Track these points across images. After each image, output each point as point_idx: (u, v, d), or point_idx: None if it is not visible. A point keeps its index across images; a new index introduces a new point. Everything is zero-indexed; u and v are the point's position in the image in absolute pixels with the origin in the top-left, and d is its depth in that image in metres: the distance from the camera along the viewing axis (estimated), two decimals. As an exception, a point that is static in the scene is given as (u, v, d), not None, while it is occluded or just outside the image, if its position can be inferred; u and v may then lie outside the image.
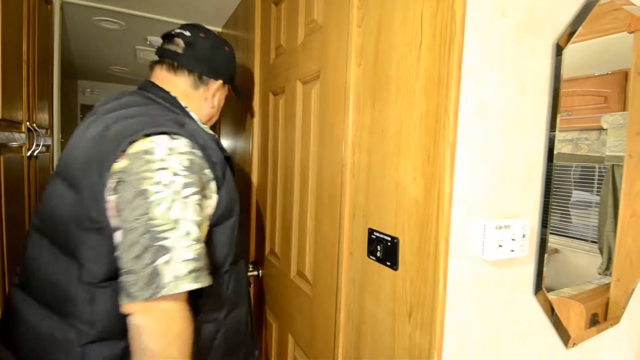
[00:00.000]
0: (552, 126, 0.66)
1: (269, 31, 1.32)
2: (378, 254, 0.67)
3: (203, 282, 0.66)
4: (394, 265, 0.63)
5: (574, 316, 0.80)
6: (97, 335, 0.69)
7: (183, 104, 0.90)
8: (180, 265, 0.63)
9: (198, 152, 0.73)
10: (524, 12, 0.61)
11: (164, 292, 0.61)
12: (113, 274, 0.68)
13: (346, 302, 0.80)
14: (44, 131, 1.54)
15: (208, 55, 0.94)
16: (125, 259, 0.63)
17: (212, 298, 0.78)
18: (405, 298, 0.62)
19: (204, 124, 0.95)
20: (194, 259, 0.65)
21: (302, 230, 1.05)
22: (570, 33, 0.67)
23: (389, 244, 0.64)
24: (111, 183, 0.66)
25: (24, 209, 1.24)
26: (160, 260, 0.62)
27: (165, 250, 0.63)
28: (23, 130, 1.25)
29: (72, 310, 0.69)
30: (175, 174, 0.67)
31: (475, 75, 0.57)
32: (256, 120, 1.45)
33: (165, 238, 0.63)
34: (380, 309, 0.68)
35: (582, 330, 0.81)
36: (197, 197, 0.69)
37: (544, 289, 0.68)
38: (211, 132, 0.90)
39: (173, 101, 0.88)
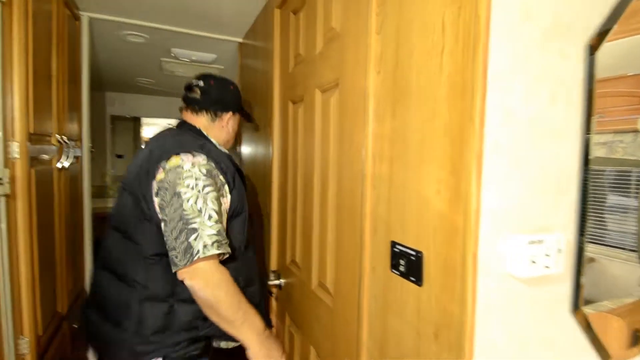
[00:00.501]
0: (587, 129, 0.62)
1: (287, 40, 1.32)
2: (401, 268, 0.64)
3: (223, 250, 0.95)
4: (418, 281, 0.61)
5: (614, 333, 0.74)
6: (149, 295, 0.99)
7: (205, 133, 1.20)
8: (207, 238, 0.93)
9: (212, 164, 1.03)
10: (552, 13, 0.57)
11: (196, 257, 0.90)
12: (159, 251, 0.99)
13: (368, 316, 0.78)
14: (73, 143, 1.60)
15: (218, 96, 1.24)
16: (169, 240, 0.94)
17: (231, 271, 1.00)
18: (430, 316, 0.59)
19: (222, 145, 1.24)
20: (215, 234, 0.94)
21: (323, 240, 1.03)
22: (603, 32, 0.63)
23: (412, 258, 0.62)
24: (154, 189, 0.98)
25: (53, 217, 1.29)
26: (191, 238, 0.92)
27: (194, 231, 0.92)
28: (53, 142, 1.29)
29: (133, 277, 1.00)
30: (197, 179, 0.97)
31: (502, 81, 0.54)
32: (276, 129, 1.45)
33: (194, 222, 0.93)
34: (405, 326, 0.65)
35: (623, 350, 0.75)
36: (214, 193, 0.99)
37: (581, 307, 0.64)
38: (226, 151, 1.21)
39: (198, 132, 1.19)
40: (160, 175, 0.98)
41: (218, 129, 1.23)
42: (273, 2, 1.45)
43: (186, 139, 1.09)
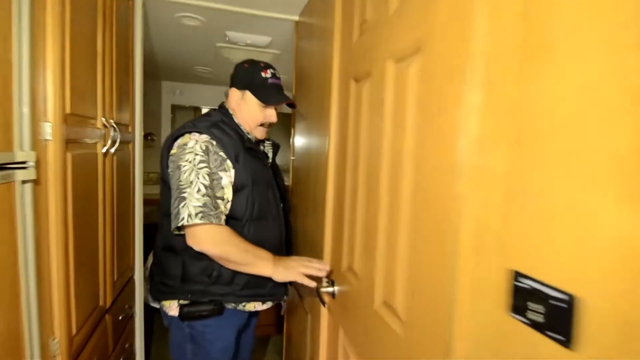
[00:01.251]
0: None
1: (351, 7, 1.11)
2: (531, 315, 0.41)
3: (207, 220, 1.07)
4: (566, 341, 0.37)
5: None
6: (168, 245, 1.22)
7: (231, 113, 1.32)
8: (192, 208, 1.06)
9: (214, 142, 1.17)
10: None
11: (181, 223, 1.06)
12: (169, 212, 1.13)
13: (463, 368, 0.55)
14: (125, 128, 1.53)
15: (233, 74, 1.34)
16: (171, 205, 1.11)
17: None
18: (592, 406, 0.35)
19: (246, 126, 1.32)
20: (201, 206, 1.07)
21: (391, 251, 0.81)
22: None
23: (556, 303, 0.38)
24: (169, 161, 1.17)
25: (96, 205, 1.21)
26: (181, 205, 1.07)
27: (183, 199, 1.07)
28: (98, 126, 1.21)
29: (162, 228, 1.24)
30: (196, 154, 1.12)
31: None
32: (334, 114, 1.25)
33: (184, 191, 1.08)
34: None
35: None
36: (207, 169, 1.12)
37: None
38: (245, 132, 1.31)
39: (225, 112, 1.31)
40: (173, 150, 1.17)
41: (241, 108, 1.30)
42: (335, -35, 1.24)
43: (203, 119, 1.24)
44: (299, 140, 1.83)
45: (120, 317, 1.48)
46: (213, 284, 1.20)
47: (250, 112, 1.29)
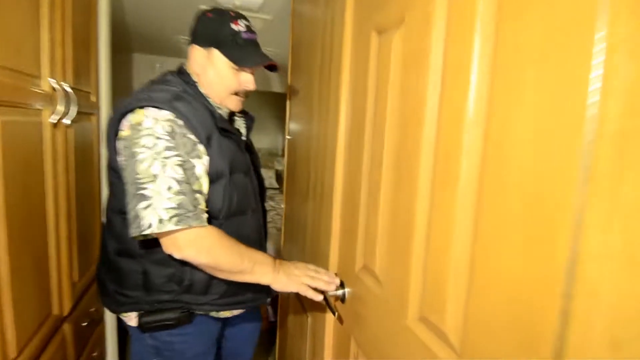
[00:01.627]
0: None
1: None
2: None
3: (185, 225, 0.84)
4: None
5: None
6: (123, 250, 0.98)
7: (195, 80, 1.04)
8: (162, 212, 0.82)
9: (180, 122, 0.89)
10: None
11: (148, 231, 0.82)
12: (124, 209, 0.90)
13: None
14: (85, 96, 1.26)
15: (193, 26, 1.04)
16: (126, 204, 0.87)
17: None
18: None
19: (215, 96, 1.04)
20: (175, 207, 0.83)
21: (440, 251, 0.60)
22: None
23: None
24: (120, 147, 0.89)
25: (43, 189, 0.95)
26: (140, 206, 0.83)
27: (143, 198, 0.83)
28: (44, 88, 0.94)
29: (112, 228, 1.00)
30: (157, 138, 0.85)
31: None
32: (345, 78, 1.02)
33: (144, 188, 0.83)
34: None
35: None
36: (178, 158, 0.86)
37: None
38: (215, 105, 1.04)
39: (186, 79, 1.03)
40: (123, 131, 0.89)
41: (206, 72, 1.02)
42: None
43: (159, 88, 0.95)
44: (297, 116, 1.59)
45: (84, 324, 1.24)
46: (184, 292, 0.99)
47: (219, 77, 1.02)
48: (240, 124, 1.19)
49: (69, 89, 1.03)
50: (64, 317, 1.09)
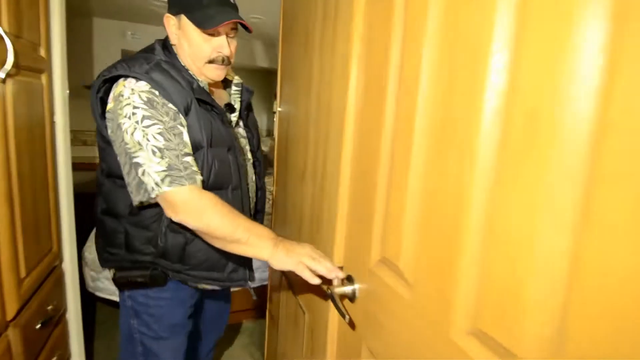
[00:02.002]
0: None
1: None
2: None
3: (178, 184, 0.87)
4: None
5: None
6: (107, 210, 1.04)
7: (175, 50, 1.03)
8: (155, 175, 0.87)
9: (156, 92, 0.91)
10: None
11: (154, 194, 0.88)
12: (113, 173, 1.01)
13: None
14: (30, 47, 1.01)
15: None
16: (124, 175, 0.93)
17: None
18: None
19: (192, 66, 1.01)
20: (164, 170, 0.87)
21: (513, 245, 0.43)
22: None
23: None
24: (107, 119, 0.94)
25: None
26: (140, 174, 0.88)
27: (138, 165, 0.88)
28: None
29: (100, 190, 1.06)
30: (135, 107, 0.88)
31: None
32: (357, 23, 0.82)
33: (136, 156, 0.88)
34: None
35: None
36: (158, 126, 0.89)
37: None
38: (192, 76, 1.02)
39: (164, 47, 1.03)
40: (110, 104, 0.92)
41: (180, 42, 1.00)
42: None
43: (140, 57, 0.96)
44: (290, 85, 1.38)
45: (38, 326, 1.03)
46: (160, 257, 1.02)
47: (191, 47, 0.98)
48: (235, 97, 1.14)
49: (2, 33, 0.79)
50: (8, 322, 0.88)
